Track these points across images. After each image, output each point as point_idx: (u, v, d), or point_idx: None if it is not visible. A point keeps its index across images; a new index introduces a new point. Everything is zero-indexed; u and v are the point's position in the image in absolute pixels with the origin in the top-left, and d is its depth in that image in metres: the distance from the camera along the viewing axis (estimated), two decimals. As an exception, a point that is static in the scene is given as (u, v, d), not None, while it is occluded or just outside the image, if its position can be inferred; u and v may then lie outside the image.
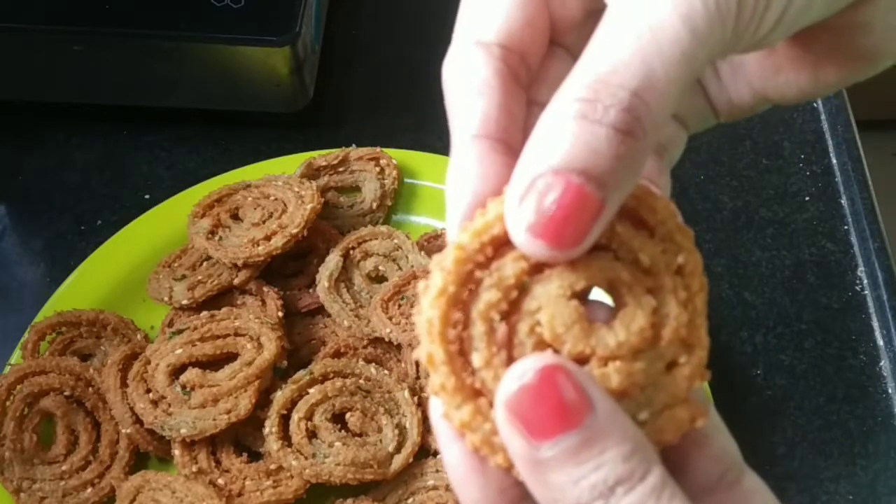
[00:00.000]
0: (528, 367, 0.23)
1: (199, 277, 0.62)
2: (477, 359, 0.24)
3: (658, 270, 0.25)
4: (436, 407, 0.26)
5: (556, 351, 0.24)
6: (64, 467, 0.57)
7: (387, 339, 0.59)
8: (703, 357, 0.25)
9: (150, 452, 0.58)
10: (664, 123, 0.23)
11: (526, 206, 0.23)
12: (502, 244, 0.25)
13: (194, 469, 0.56)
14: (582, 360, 0.24)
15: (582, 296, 0.25)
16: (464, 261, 0.24)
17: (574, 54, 0.29)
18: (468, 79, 0.26)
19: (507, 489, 0.25)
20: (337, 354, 0.61)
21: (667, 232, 0.26)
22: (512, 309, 0.25)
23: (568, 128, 0.22)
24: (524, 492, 0.24)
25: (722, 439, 0.27)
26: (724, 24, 0.23)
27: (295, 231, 0.61)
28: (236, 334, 0.59)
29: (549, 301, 0.24)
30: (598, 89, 0.22)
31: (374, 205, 0.68)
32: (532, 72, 0.28)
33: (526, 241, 0.23)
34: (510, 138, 0.26)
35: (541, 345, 0.24)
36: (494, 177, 0.26)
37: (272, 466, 0.56)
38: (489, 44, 0.27)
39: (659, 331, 0.25)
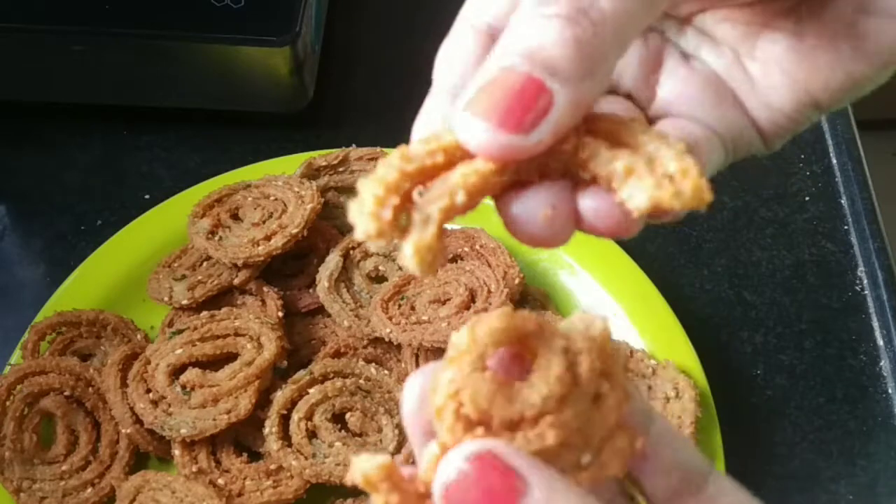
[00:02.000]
0: (451, 462, 0.23)
1: (199, 277, 0.62)
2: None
3: (639, 176, 0.23)
4: None
5: (487, 425, 0.24)
6: (64, 467, 0.57)
7: (387, 339, 0.59)
8: (622, 381, 0.25)
9: (150, 452, 0.58)
10: (619, 22, 0.23)
11: (470, 86, 0.22)
12: (461, 158, 0.23)
13: (194, 469, 0.56)
14: (514, 426, 0.24)
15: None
16: (410, 157, 0.23)
17: None
18: (461, 55, 0.26)
19: None
20: (337, 354, 0.61)
21: (652, 151, 0.24)
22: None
23: (518, 25, 0.22)
24: None
25: (671, 450, 0.26)
26: None
27: (295, 231, 0.61)
28: (236, 334, 0.59)
29: (466, 380, 0.24)
30: None
31: (374, 205, 0.68)
32: None
33: (465, 119, 0.22)
34: None
35: (470, 425, 0.24)
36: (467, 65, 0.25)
37: (272, 466, 0.56)
38: (487, 26, 0.27)
39: (575, 370, 0.24)
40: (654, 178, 0.23)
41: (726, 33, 0.31)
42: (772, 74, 0.30)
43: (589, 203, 0.24)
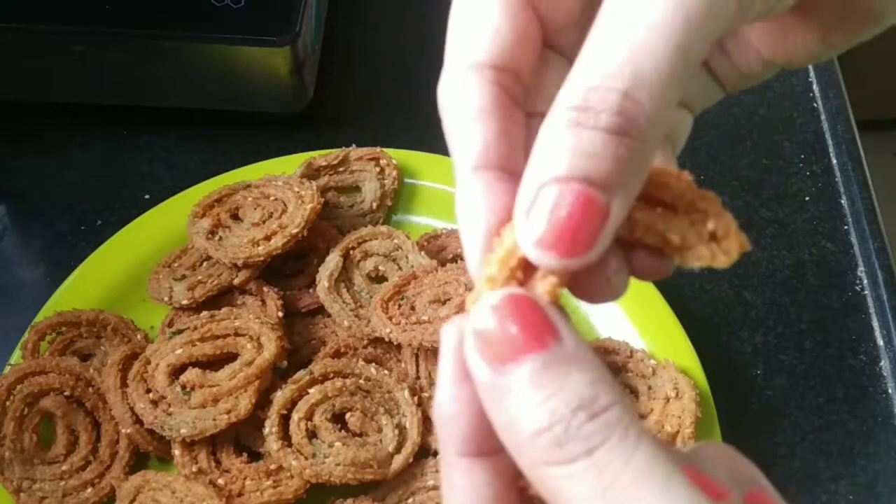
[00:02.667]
0: (496, 294, 0.23)
1: (199, 277, 0.62)
2: None
3: (691, 244, 0.25)
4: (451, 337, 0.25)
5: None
6: (64, 467, 0.57)
7: (387, 339, 0.59)
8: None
9: (150, 452, 0.58)
10: (664, 119, 0.23)
11: (533, 219, 0.23)
12: (529, 266, 0.25)
13: (194, 469, 0.56)
14: None
15: None
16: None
17: (569, 56, 0.28)
18: (464, 106, 0.26)
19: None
20: (337, 354, 0.61)
21: (688, 203, 0.25)
22: None
23: (564, 137, 0.22)
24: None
25: None
26: (724, 2, 0.22)
27: (295, 231, 0.61)
28: (236, 334, 0.59)
29: None
30: (588, 96, 0.22)
31: (374, 205, 0.68)
32: (527, 85, 0.27)
33: (538, 255, 0.23)
34: (512, 164, 0.26)
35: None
36: (502, 207, 0.25)
37: (272, 466, 0.56)
38: (482, 66, 0.26)
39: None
40: (704, 243, 0.25)
41: None
42: (743, 46, 0.31)
43: (643, 263, 0.26)
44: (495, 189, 0.26)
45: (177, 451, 0.57)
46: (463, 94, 0.26)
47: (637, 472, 0.21)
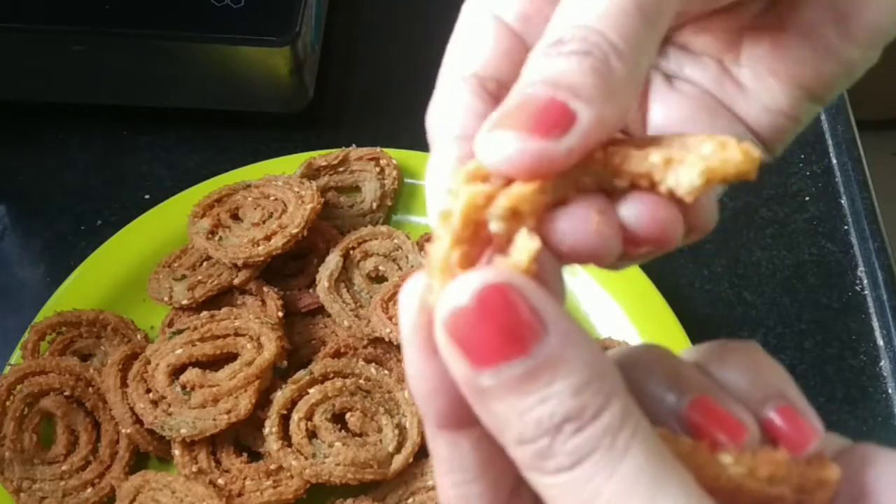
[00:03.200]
0: (467, 284, 0.21)
1: (199, 277, 0.62)
2: None
3: (680, 158, 0.23)
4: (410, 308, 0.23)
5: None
6: (64, 467, 0.57)
7: (387, 339, 0.59)
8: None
9: (150, 452, 0.58)
10: (633, 53, 0.23)
11: (494, 116, 0.23)
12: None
13: (194, 469, 0.56)
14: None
15: None
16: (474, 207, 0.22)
17: None
18: (448, 105, 0.26)
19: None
20: (337, 354, 0.61)
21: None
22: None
23: (535, 64, 0.23)
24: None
25: None
26: None
27: (295, 231, 0.61)
28: (236, 334, 0.59)
29: None
30: (561, 34, 0.23)
31: (374, 205, 0.68)
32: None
33: (494, 138, 0.22)
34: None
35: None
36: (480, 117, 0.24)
37: (272, 466, 0.56)
38: (466, 76, 0.26)
39: None
40: (697, 155, 0.22)
41: (708, 44, 0.31)
42: (761, 77, 0.30)
43: (631, 210, 0.23)
44: (477, 101, 0.25)
45: (177, 451, 0.57)
46: (456, 98, 0.26)
47: (620, 486, 0.20)
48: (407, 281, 0.23)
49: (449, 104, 0.26)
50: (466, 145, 0.25)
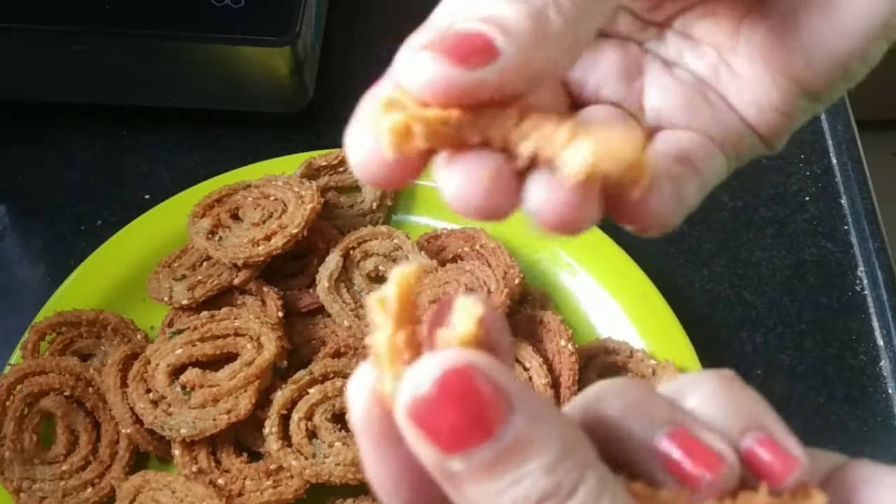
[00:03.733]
0: (427, 370, 0.20)
1: (199, 277, 0.62)
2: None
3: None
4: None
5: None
6: (64, 467, 0.57)
7: (387, 339, 0.59)
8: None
9: (150, 452, 0.58)
10: (574, 11, 0.23)
11: (421, 38, 0.23)
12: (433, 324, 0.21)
13: (194, 469, 0.56)
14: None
15: None
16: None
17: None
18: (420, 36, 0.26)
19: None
20: (337, 354, 0.61)
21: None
22: None
23: (472, 2, 0.23)
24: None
25: None
26: None
27: (295, 231, 0.61)
28: (236, 334, 0.59)
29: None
30: None
31: (374, 205, 0.68)
32: None
33: (412, 58, 0.22)
34: None
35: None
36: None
37: (272, 466, 0.56)
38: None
39: None
40: (596, 140, 0.22)
41: (707, 31, 0.30)
42: (756, 67, 0.30)
43: (531, 191, 0.23)
44: None
45: (177, 451, 0.57)
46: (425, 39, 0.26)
47: None
48: (351, 378, 0.22)
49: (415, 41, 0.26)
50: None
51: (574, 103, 0.31)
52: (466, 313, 0.20)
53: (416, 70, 0.22)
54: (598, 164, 0.21)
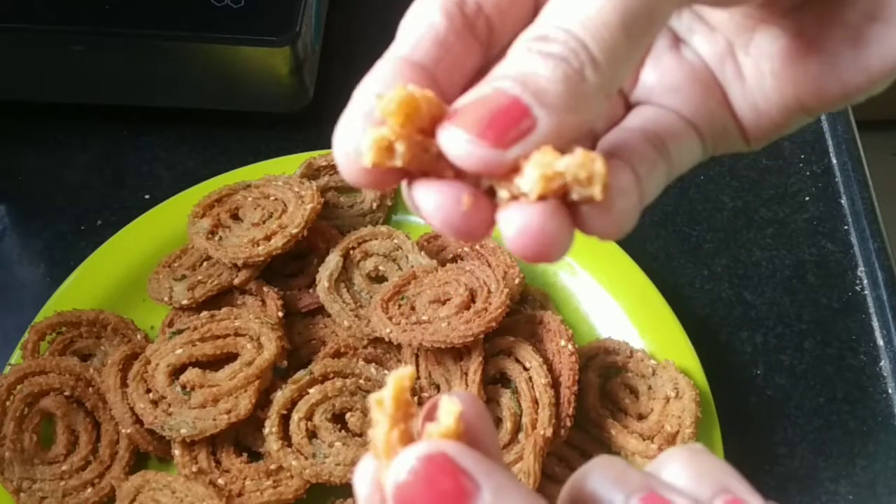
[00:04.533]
0: (407, 459, 0.23)
1: (199, 277, 0.62)
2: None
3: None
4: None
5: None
6: (64, 467, 0.57)
7: (387, 339, 0.59)
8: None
9: (150, 452, 0.58)
10: (611, 69, 0.23)
11: (462, 101, 0.23)
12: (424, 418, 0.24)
13: (194, 469, 0.56)
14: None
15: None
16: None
17: None
18: (416, 20, 0.26)
19: None
20: (337, 354, 0.61)
21: None
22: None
23: (515, 57, 0.23)
24: None
25: None
26: None
27: (295, 231, 0.61)
28: (236, 334, 0.59)
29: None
30: (548, 32, 0.23)
31: (374, 205, 0.68)
32: (497, 35, 0.27)
33: (450, 131, 0.23)
34: (442, 74, 0.25)
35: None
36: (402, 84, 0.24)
37: (272, 466, 0.56)
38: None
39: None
40: (552, 164, 0.23)
41: (724, 22, 0.30)
42: (763, 75, 0.30)
43: (504, 217, 0.24)
44: (408, 71, 0.25)
45: (177, 451, 0.57)
46: (425, 15, 0.26)
47: None
48: (357, 468, 0.24)
49: (416, 17, 0.26)
50: (405, 64, 0.25)
51: None
52: (448, 410, 0.23)
53: (454, 144, 0.23)
54: (548, 178, 0.23)
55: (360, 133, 0.24)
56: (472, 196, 0.24)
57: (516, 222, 0.23)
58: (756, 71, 0.30)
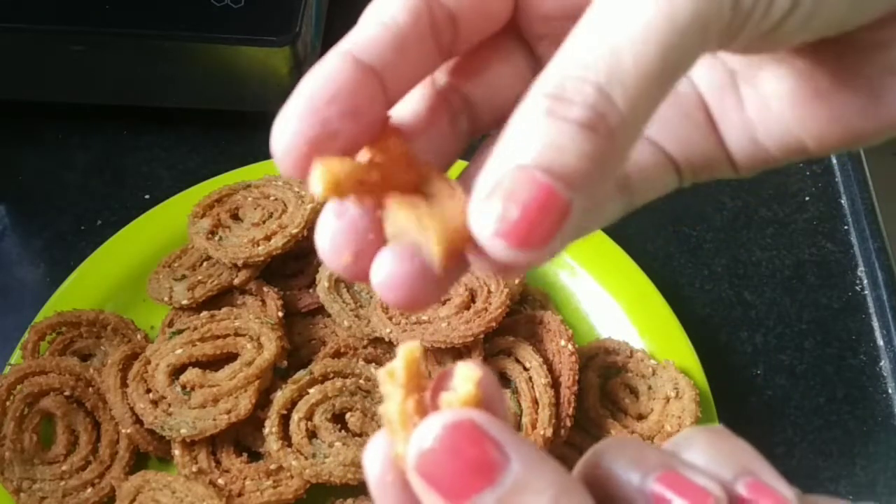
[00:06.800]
0: (431, 427, 0.22)
1: (199, 277, 0.62)
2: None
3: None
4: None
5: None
6: (64, 467, 0.57)
7: (387, 339, 0.59)
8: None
9: (150, 452, 0.58)
10: (638, 123, 0.22)
11: (492, 204, 0.21)
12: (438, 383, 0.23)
13: (194, 469, 0.56)
14: None
15: None
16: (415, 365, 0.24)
17: (539, 56, 0.27)
18: (379, 13, 0.24)
19: None
20: (337, 354, 0.61)
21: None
22: None
23: (534, 124, 0.21)
24: None
25: None
26: (718, 9, 0.21)
27: (295, 231, 0.61)
28: (236, 334, 0.59)
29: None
30: (565, 85, 0.21)
31: (374, 205, 0.68)
32: (463, 40, 0.25)
33: (491, 243, 0.21)
34: (390, 77, 0.24)
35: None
36: (344, 85, 0.23)
37: (272, 466, 0.56)
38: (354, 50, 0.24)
39: None
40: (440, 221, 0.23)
41: (730, 54, 0.28)
42: (767, 110, 0.28)
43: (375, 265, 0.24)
44: (350, 70, 0.23)
45: (177, 451, 0.57)
46: (383, 3, 0.24)
47: None
48: (367, 447, 0.24)
49: (380, 10, 0.24)
50: (349, 60, 0.24)
51: None
52: (466, 377, 0.23)
53: (498, 252, 0.21)
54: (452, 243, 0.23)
55: (293, 133, 0.24)
56: (357, 245, 0.24)
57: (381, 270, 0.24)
58: (759, 105, 0.28)
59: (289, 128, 0.25)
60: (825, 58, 0.27)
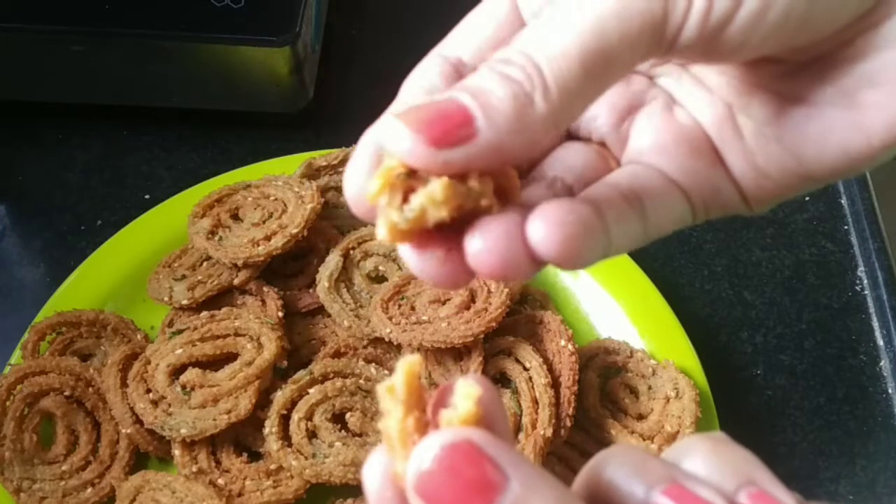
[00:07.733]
0: (430, 448, 0.22)
1: (199, 277, 0.62)
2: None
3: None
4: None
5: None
6: (64, 467, 0.57)
7: (387, 339, 0.59)
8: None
9: (150, 452, 0.58)
10: (564, 99, 0.24)
11: (421, 107, 0.24)
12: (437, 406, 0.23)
13: (194, 469, 0.56)
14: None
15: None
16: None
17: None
18: (417, 83, 0.28)
19: None
20: (337, 354, 0.61)
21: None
22: None
23: (476, 74, 0.24)
24: None
25: None
26: (648, 5, 0.24)
27: (295, 231, 0.61)
28: (236, 334, 0.59)
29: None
30: (509, 53, 0.24)
31: (374, 205, 0.68)
32: None
33: (389, 122, 0.24)
34: None
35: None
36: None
37: (272, 466, 0.56)
38: (448, 56, 0.28)
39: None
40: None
41: (721, 85, 0.30)
42: (764, 136, 0.29)
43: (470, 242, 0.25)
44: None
45: (177, 451, 0.57)
46: (424, 75, 0.28)
47: None
48: (366, 463, 0.24)
49: (416, 77, 0.28)
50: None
51: (567, 134, 0.31)
52: (466, 394, 0.22)
53: (394, 139, 0.24)
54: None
55: (366, 182, 0.26)
56: (446, 251, 0.25)
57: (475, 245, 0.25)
58: (757, 132, 0.29)
59: (358, 177, 0.28)
60: (807, 77, 0.28)
